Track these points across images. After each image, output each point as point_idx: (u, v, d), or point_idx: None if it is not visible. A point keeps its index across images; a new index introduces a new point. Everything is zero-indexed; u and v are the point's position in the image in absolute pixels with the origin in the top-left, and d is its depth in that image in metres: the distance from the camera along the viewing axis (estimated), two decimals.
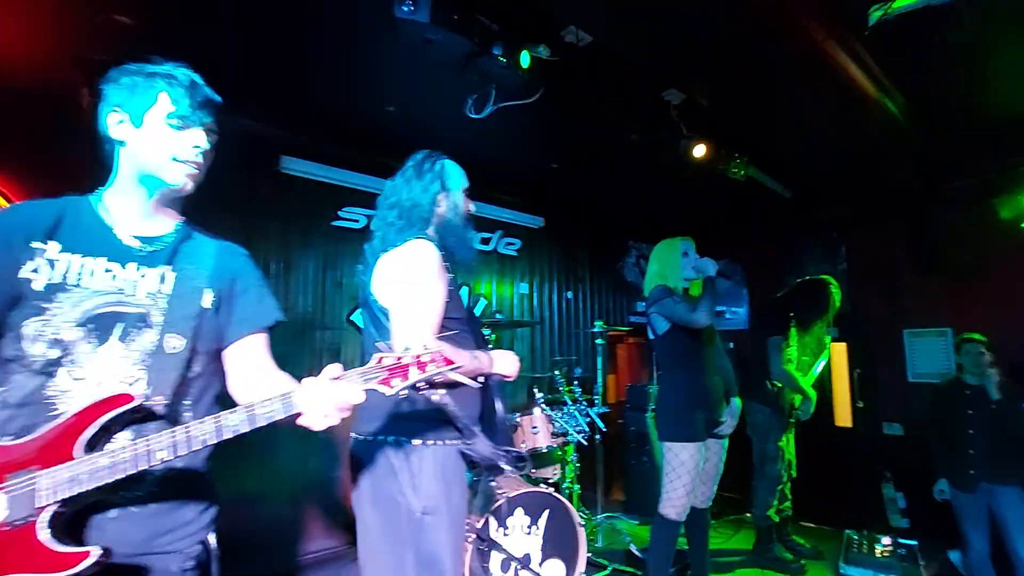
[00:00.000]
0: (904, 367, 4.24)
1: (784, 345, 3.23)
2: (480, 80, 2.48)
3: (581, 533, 2.63)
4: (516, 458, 2.96)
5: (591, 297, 5.28)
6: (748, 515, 3.71)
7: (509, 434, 2.98)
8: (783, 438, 3.31)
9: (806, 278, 3.59)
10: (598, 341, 4.06)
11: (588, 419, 3.43)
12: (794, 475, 3.39)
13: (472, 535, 2.25)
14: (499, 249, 4.50)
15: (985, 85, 2.78)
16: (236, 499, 2.78)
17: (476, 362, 1.41)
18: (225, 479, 1.16)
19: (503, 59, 2.25)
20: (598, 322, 4.07)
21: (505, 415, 2.94)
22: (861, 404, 3.88)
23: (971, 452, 2.74)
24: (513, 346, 4.48)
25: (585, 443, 3.42)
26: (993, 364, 2.76)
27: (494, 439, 1.49)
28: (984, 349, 2.78)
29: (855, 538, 3.27)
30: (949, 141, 3.41)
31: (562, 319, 4.96)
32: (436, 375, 0.98)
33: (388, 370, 0.96)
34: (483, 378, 1.51)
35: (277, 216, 3.31)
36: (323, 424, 0.93)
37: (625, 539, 3.46)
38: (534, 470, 3.07)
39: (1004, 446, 2.67)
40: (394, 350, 0.99)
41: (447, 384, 1.10)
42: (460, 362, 1.02)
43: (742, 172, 3.41)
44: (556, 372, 3.73)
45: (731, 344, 4.50)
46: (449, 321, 1.43)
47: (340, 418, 0.94)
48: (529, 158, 3.83)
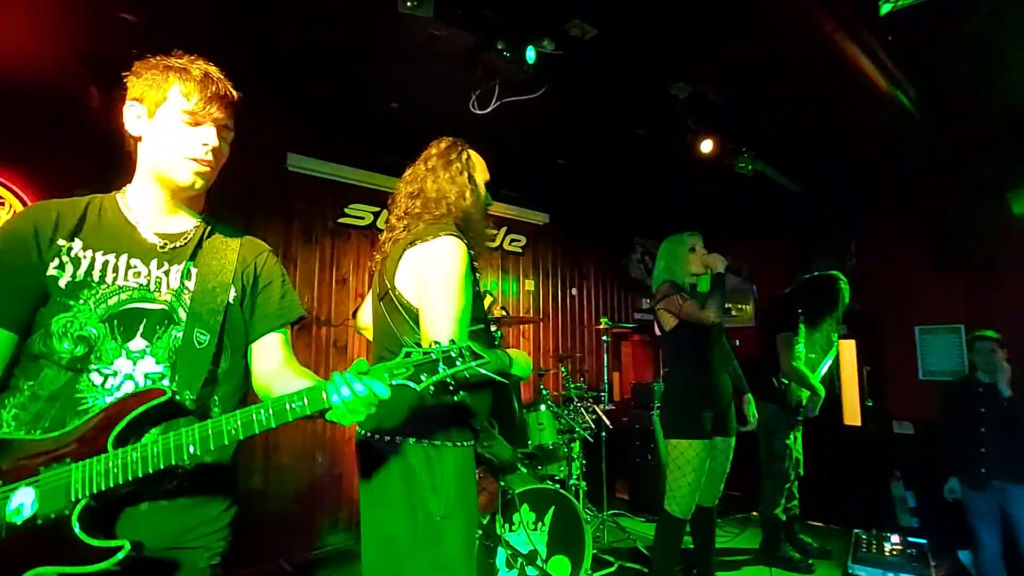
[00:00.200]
0: (915, 364, 4.19)
1: (794, 341, 3.21)
2: (484, 75, 2.47)
3: (587, 530, 2.63)
4: (528, 457, 2.97)
5: (596, 294, 5.26)
6: (755, 513, 3.69)
7: (525, 434, 2.99)
8: (790, 436, 3.28)
9: (815, 274, 3.57)
10: (604, 338, 4.05)
11: (595, 416, 3.41)
12: (801, 473, 3.36)
13: (479, 531, 2.26)
14: (504, 246, 4.49)
15: (1000, 77, 2.72)
16: (241, 494, 2.80)
17: (500, 360, 1.39)
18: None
19: (507, 53, 2.24)
20: (603, 319, 4.05)
21: (522, 415, 2.95)
22: (870, 402, 3.83)
23: (983, 450, 2.71)
24: (519, 343, 4.47)
25: (591, 440, 3.41)
26: (1006, 361, 2.72)
27: (511, 439, 1.47)
28: (997, 346, 2.74)
29: (864, 537, 3.24)
30: (965, 133, 3.34)
31: (567, 316, 4.95)
32: (464, 371, 0.97)
33: (416, 366, 0.96)
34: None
35: (282, 213, 3.33)
36: (351, 420, 0.93)
37: (631, 537, 3.45)
38: (540, 467, 3.06)
39: (1017, 444, 2.64)
40: (421, 346, 0.98)
41: (471, 383, 1.08)
42: (488, 359, 1.00)
43: (750, 167, 3.37)
44: (562, 369, 3.72)
45: (736, 341, 4.46)
46: (473, 320, 1.40)
47: (367, 414, 0.93)
48: (534, 154, 3.81)
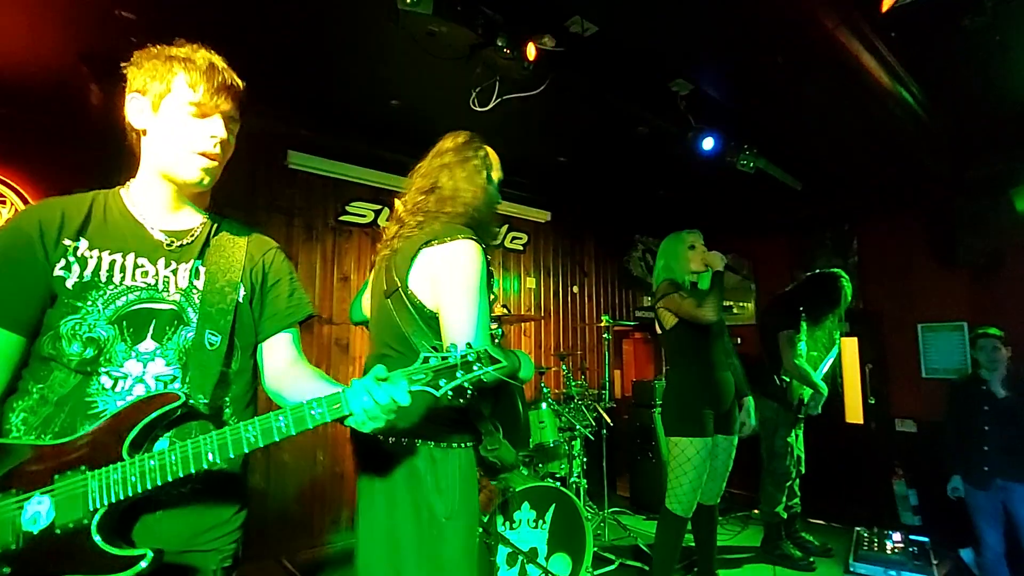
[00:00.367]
0: (918, 362, 4.17)
1: (796, 339, 3.20)
2: (484, 72, 2.46)
3: (588, 528, 2.63)
4: (529, 457, 2.97)
5: (597, 292, 5.25)
6: (756, 511, 3.68)
7: (528, 435, 2.98)
8: (792, 434, 3.27)
9: (817, 271, 3.56)
10: (605, 336, 4.04)
11: (595, 414, 3.41)
12: (803, 471, 3.35)
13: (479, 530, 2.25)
14: (506, 244, 4.49)
15: (1005, 74, 2.70)
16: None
17: (512, 363, 1.37)
18: None
19: (507, 50, 2.23)
20: (605, 316, 4.05)
21: (526, 416, 2.94)
22: (873, 400, 3.82)
23: (986, 449, 2.70)
24: (520, 341, 4.47)
25: (592, 438, 3.41)
26: (1008, 359, 2.71)
27: (515, 442, 1.47)
28: (1000, 344, 2.73)
29: (866, 535, 3.24)
30: (969, 130, 3.32)
31: (568, 314, 4.95)
32: (482, 375, 0.95)
33: (435, 371, 0.94)
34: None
35: (283, 211, 3.33)
36: (371, 427, 0.91)
37: (632, 535, 3.45)
38: (541, 464, 3.06)
39: (1020, 443, 2.63)
40: (439, 350, 0.96)
41: (487, 387, 1.07)
42: (504, 362, 0.99)
43: (751, 164, 3.35)
44: (563, 367, 3.72)
45: (738, 339, 4.45)
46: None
47: (387, 420, 0.91)
48: (535, 151, 3.80)
